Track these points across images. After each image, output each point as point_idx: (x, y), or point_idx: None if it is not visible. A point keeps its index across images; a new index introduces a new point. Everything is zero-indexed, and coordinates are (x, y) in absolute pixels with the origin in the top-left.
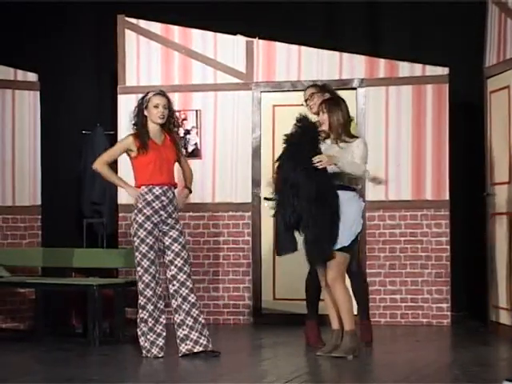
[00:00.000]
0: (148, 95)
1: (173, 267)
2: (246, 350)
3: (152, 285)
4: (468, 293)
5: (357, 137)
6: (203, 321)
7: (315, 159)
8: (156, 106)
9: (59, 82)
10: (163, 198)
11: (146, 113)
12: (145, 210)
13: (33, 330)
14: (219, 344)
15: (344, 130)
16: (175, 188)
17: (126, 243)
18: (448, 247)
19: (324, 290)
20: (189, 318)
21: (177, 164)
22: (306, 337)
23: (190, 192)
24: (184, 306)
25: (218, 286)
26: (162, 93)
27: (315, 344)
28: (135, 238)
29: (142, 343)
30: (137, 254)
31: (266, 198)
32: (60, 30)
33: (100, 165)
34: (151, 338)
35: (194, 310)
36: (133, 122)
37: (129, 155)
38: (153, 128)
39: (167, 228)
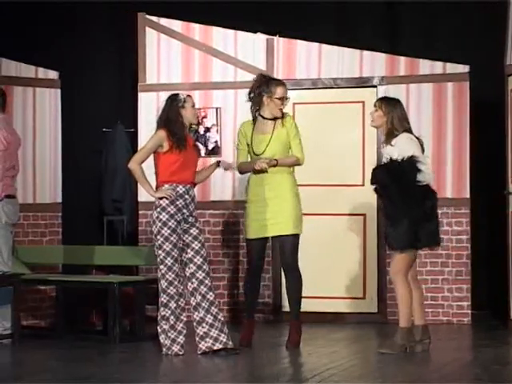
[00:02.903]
0: (181, 95)
1: (192, 265)
2: (266, 348)
3: (175, 283)
4: (488, 291)
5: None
6: (222, 318)
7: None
8: (193, 106)
9: (80, 80)
10: (186, 196)
11: (183, 113)
12: (169, 209)
13: (53, 328)
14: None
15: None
16: (194, 187)
17: (147, 241)
18: (468, 245)
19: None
20: (208, 316)
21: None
22: (240, 336)
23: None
24: (203, 304)
25: (237, 284)
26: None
27: (246, 344)
28: (159, 236)
29: (162, 341)
30: (160, 252)
31: None
32: (80, 27)
33: (135, 164)
34: (172, 336)
35: (212, 307)
36: (163, 120)
37: (155, 151)
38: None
39: (188, 226)
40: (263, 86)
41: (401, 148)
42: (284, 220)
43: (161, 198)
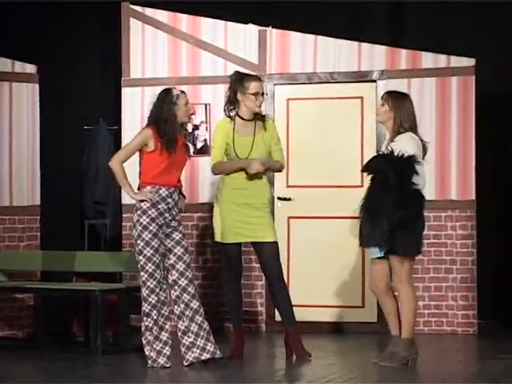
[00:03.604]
0: (174, 91)
1: (174, 272)
2: (259, 360)
3: (157, 290)
4: (496, 299)
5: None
6: (208, 327)
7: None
8: (186, 104)
9: (59, 74)
10: (169, 199)
11: (175, 110)
12: (150, 212)
13: (31, 339)
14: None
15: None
16: (179, 190)
17: (131, 246)
18: (474, 250)
19: (378, 297)
20: (193, 325)
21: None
22: (231, 348)
23: (185, 198)
24: (187, 313)
25: None
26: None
27: (238, 356)
28: (139, 241)
29: (147, 353)
30: (141, 257)
31: (279, 198)
32: (60, 18)
33: (116, 163)
34: (157, 347)
35: (197, 316)
36: (153, 117)
37: (140, 150)
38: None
39: (170, 230)
40: (237, 84)
41: (401, 145)
42: (264, 227)
43: (141, 201)
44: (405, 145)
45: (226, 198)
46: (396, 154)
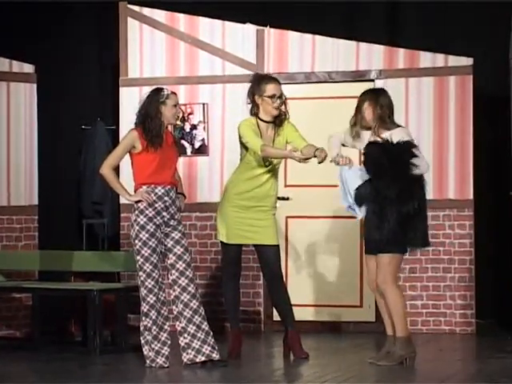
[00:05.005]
0: (165, 91)
1: (174, 271)
2: (257, 359)
3: (155, 290)
4: (494, 298)
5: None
6: (207, 328)
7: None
8: (175, 105)
9: (57, 74)
10: (166, 198)
11: (162, 109)
12: (147, 211)
13: (29, 338)
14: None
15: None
16: (177, 188)
17: (129, 245)
18: (472, 250)
19: (375, 294)
20: (190, 326)
21: None
22: (228, 348)
23: (185, 197)
24: (185, 313)
25: None
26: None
27: (235, 356)
28: (137, 241)
29: (145, 352)
30: (138, 257)
31: (277, 198)
32: (58, 17)
33: (107, 169)
34: (156, 347)
35: (196, 316)
36: (141, 115)
37: (129, 152)
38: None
39: (169, 229)
40: (254, 86)
41: (400, 136)
42: (267, 230)
43: (138, 202)
44: (402, 135)
45: (231, 199)
46: (391, 141)
